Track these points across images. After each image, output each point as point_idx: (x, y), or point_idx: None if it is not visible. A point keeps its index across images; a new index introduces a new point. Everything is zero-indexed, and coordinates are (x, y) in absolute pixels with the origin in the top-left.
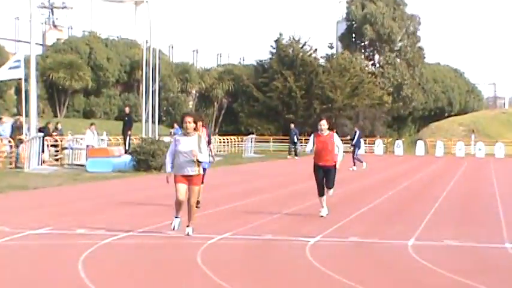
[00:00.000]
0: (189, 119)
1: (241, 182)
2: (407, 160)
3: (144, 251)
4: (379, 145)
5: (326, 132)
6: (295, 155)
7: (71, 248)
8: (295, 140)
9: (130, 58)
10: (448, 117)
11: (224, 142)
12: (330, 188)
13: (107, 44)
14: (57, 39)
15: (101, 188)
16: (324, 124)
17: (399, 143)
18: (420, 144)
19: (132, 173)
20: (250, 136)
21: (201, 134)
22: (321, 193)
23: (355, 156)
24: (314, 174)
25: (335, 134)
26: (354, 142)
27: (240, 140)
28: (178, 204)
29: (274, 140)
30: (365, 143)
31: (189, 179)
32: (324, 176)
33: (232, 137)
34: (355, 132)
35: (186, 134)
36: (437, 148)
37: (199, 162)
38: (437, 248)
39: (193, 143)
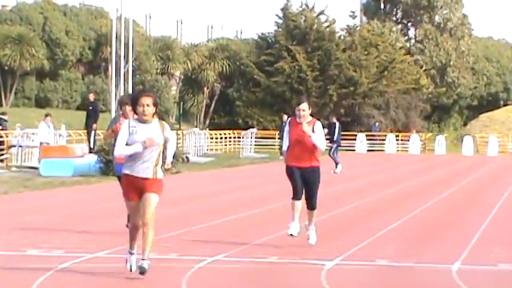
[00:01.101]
0: (147, 101)
1: (239, 189)
2: (451, 161)
3: (115, 277)
4: (414, 142)
5: (307, 119)
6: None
7: (21, 274)
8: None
9: (96, 31)
10: (504, 106)
11: (216, 139)
12: (313, 208)
13: (65, 12)
14: (2, 7)
15: (58, 197)
16: (304, 108)
17: (441, 139)
18: (468, 140)
19: (98, 178)
20: (250, 131)
21: (164, 122)
22: (298, 194)
23: (331, 154)
24: (289, 176)
25: (318, 123)
26: (335, 138)
27: (237, 135)
28: (135, 229)
29: (279, 136)
30: (397, 140)
31: (143, 184)
32: (304, 185)
33: (227, 132)
34: (334, 124)
35: (142, 120)
36: (489, 146)
37: (157, 162)
38: (489, 273)
39: (155, 133)
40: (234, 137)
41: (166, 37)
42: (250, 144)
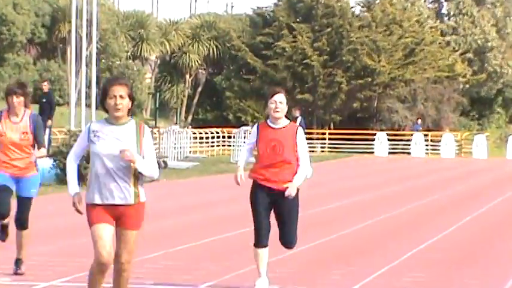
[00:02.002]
0: (120, 91)
1: (229, 201)
2: (493, 167)
3: None
4: (448, 143)
5: (283, 123)
6: None
7: None
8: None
9: (52, 4)
10: None
11: (201, 138)
12: (290, 245)
13: None
14: None
15: None
16: (280, 101)
17: (480, 139)
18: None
19: (53, 187)
20: (243, 128)
21: (143, 124)
22: (262, 240)
23: None
24: (252, 203)
25: (300, 129)
26: None
27: (227, 134)
28: (101, 270)
29: None
30: (426, 141)
31: (118, 213)
32: (275, 212)
33: (214, 130)
34: (296, 119)
35: (112, 120)
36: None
37: (137, 177)
38: None
39: (128, 139)
40: (223, 137)
41: (139, 12)
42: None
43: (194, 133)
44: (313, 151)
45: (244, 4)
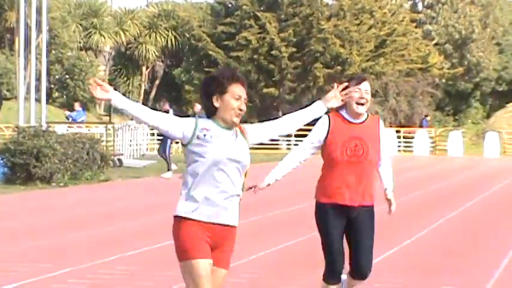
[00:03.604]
0: (244, 92)
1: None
2: (470, 166)
3: None
4: (421, 140)
5: (363, 118)
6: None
7: None
8: None
9: None
10: None
11: (160, 135)
12: (364, 276)
13: None
14: None
15: None
16: (366, 90)
17: (456, 136)
18: (492, 138)
19: (1, 187)
20: None
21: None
22: (335, 274)
23: (162, 154)
24: (322, 229)
25: (381, 123)
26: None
27: None
28: None
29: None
30: (398, 137)
31: (221, 235)
32: (349, 235)
33: None
34: (168, 113)
35: (226, 124)
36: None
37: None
38: None
39: (243, 148)
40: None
41: (91, 1)
42: None
43: (152, 129)
44: (278, 148)
45: None
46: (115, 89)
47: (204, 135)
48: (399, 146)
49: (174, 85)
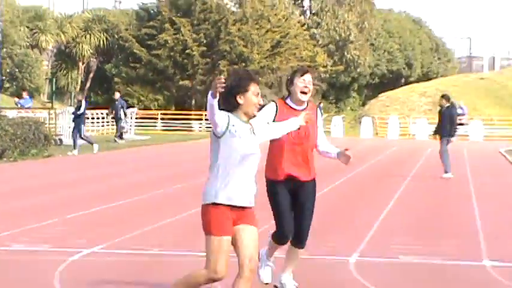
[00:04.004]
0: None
1: (116, 174)
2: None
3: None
4: None
5: (304, 105)
6: (120, 137)
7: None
8: (121, 116)
9: None
10: (405, 84)
11: (93, 119)
12: (302, 245)
13: None
14: None
15: None
16: (309, 81)
17: (338, 120)
18: (366, 122)
19: None
20: (130, 110)
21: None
22: (285, 237)
23: (81, 135)
24: (273, 200)
25: (319, 110)
26: (80, 112)
27: (125, 114)
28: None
29: (163, 116)
30: None
31: (242, 214)
32: (295, 205)
33: (104, 112)
34: (80, 102)
35: (244, 117)
36: (389, 128)
37: None
38: (389, 266)
39: (257, 142)
40: (113, 117)
41: (36, 6)
42: (130, 126)
43: (86, 114)
44: (191, 130)
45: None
46: (56, 82)
47: (236, 130)
48: None
49: (105, 78)
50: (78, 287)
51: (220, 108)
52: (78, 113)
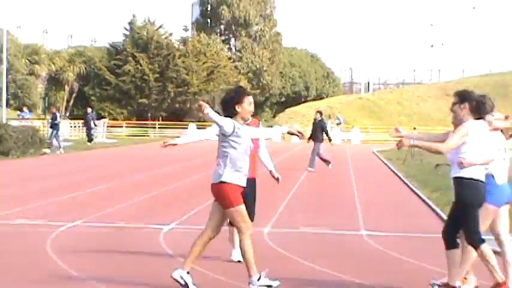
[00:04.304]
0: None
1: (93, 167)
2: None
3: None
4: None
5: (249, 120)
6: (90, 140)
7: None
8: (93, 126)
9: None
10: (304, 102)
11: (75, 127)
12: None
13: None
14: None
15: None
16: (252, 101)
17: None
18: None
19: None
20: (103, 120)
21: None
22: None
23: (56, 140)
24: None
25: (260, 122)
26: (56, 121)
27: (95, 125)
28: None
29: (127, 125)
30: None
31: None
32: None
33: (83, 122)
34: (54, 114)
35: (241, 121)
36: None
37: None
38: (292, 235)
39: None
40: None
41: (33, 44)
42: (103, 132)
43: (70, 123)
44: (148, 135)
45: (103, 39)
46: (48, 100)
47: (240, 132)
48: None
49: (84, 97)
50: (64, 250)
51: (224, 115)
52: (55, 122)
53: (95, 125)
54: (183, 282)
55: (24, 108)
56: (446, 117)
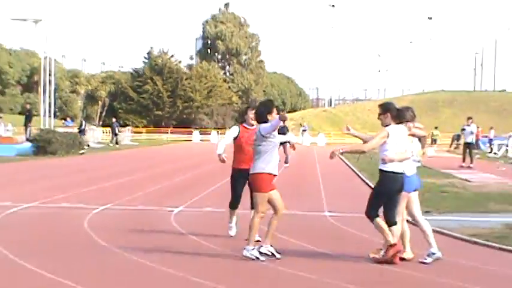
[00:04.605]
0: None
1: (119, 164)
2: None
3: (44, 217)
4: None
5: (253, 126)
6: (116, 143)
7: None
8: (117, 132)
9: (30, 65)
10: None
11: (106, 133)
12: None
13: (10, 53)
14: None
15: (5, 168)
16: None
17: None
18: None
19: (32, 157)
20: (127, 128)
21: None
22: (235, 205)
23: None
24: (232, 181)
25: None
26: (81, 128)
27: (119, 131)
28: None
29: (146, 131)
30: (218, 133)
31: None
32: (244, 186)
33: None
34: (81, 122)
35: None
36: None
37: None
38: (200, 213)
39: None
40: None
41: (75, 69)
42: (127, 136)
43: (103, 130)
44: (162, 139)
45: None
46: (86, 112)
47: (273, 134)
48: (218, 137)
49: (113, 110)
50: (97, 226)
51: (260, 122)
52: (81, 128)
53: (119, 131)
54: (269, 253)
55: (68, 118)
56: None
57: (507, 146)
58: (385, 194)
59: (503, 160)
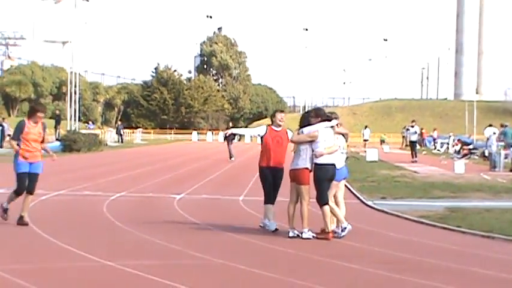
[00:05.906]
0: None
1: (131, 159)
2: (236, 148)
3: (70, 203)
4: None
5: (281, 128)
6: (121, 141)
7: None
8: (121, 132)
9: (59, 78)
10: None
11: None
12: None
13: (43, 69)
14: (11, 66)
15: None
16: (283, 116)
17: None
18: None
19: (60, 153)
20: (139, 129)
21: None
22: (268, 200)
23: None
24: (262, 179)
25: (288, 130)
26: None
27: (132, 132)
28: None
29: (154, 132)
30: (212, 134)
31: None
32: (273, 182)
33: (127, 130)
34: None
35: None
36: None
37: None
38: (198, 199)
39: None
40: (131, 133)
41: (95, 82)
42: (138, 136)
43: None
44: (166, 139)
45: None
46: (105, 116)
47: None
48: (212, 137)
49: (127, 115)
50: (114, 210)
51: (303, 125)
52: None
53: (123, 132)
54: (310, 236)
55: (90, 122)
56: (352, 127)
57: (448, 144)
58: (323, 180)
59: (445, 155)
